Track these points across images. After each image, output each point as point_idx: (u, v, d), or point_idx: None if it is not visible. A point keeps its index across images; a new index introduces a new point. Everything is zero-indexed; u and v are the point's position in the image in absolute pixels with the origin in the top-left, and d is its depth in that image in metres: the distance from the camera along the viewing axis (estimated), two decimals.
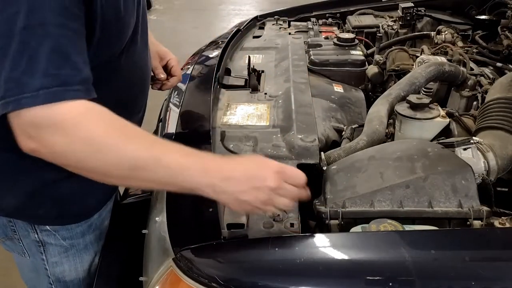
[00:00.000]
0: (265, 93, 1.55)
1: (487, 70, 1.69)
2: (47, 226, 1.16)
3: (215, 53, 1.78)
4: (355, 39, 1.90)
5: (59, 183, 1.09)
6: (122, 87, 1.10)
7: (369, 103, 1.61)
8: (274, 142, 1.28)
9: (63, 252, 1.20)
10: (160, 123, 1.49)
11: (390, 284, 0.84)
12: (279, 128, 1.34)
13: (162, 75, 1.37)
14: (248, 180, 0.92)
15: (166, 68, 1.40)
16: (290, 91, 1.51)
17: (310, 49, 1.87)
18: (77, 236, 1.19)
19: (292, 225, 1.02)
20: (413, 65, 1.70)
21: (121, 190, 1.64)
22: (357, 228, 1.04)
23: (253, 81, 1.62)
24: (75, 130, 0.87)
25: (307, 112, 1.39)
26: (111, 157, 0.89)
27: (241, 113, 1.44)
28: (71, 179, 1.03)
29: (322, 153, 1.26)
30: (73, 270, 1.23)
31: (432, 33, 1.97)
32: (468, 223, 1.07)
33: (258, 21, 2.30)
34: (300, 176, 0.96)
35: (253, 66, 1.67)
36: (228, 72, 1.71)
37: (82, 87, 0.88)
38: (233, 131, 1.33)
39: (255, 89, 1.59)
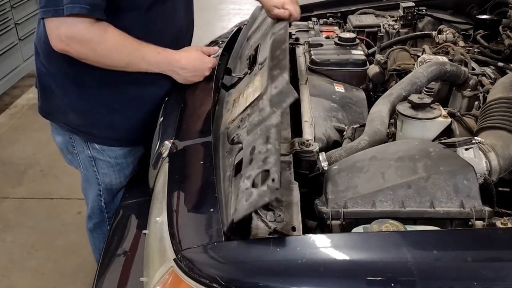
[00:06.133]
0: (259, 64, 1.48)
1: (488, 70, 1.68)
2: (96, 145, 1.57)
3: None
4: (356, 39, 1.90)
5: (112, 112, 1.53)
6: (153, 39, 1.46)
7: (370, 103, 1.60)
8: (261, 106, 1.21)
9: (110, 166, 1.61)
10: (160, 124, 1.48)
11: (392, 284, 0.84)
12: (265, 86, 1.26)
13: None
14: (195, 70, 1.52)
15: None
16: (270, 43, 1.45)
17: (311, 49, 1.86)
18: (120, 157, 1.61)
19: (293, 228, 1.02)
20: (414, 64, 1.70)
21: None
22: (358, 229, 1.04)
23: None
24: (91, 42, 1.35)
25: (281, 51, 1.33)
26: (113, 59, 1.40)
27: (243, 100, 1.38)
28: (122, 112, 1.53)
29: (323, 153, 1.26)
30: (118, 180, 1.65)
31: (433, 33, 1.96)
32: (470, 223, 1.07)
33: None
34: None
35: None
36: (228, 71, 1.71)
37: (89, 7, 1.28)
38: (234, 124, 1.29)
39: (252, 67, 1.53)
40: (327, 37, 2.00)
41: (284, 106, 1.15)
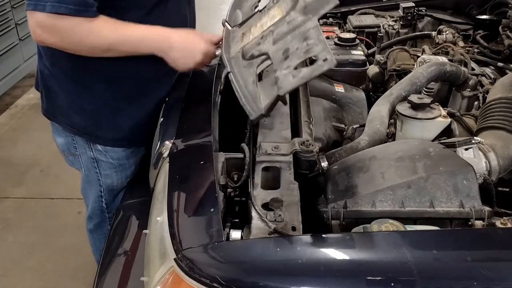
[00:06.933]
0: (272, 1, 1.35)
1: (488, 70, 1.68)
2: (99, 146, 1.56)
3: (216, 52, 1.78)
4: (356, 39, 1.90)
5: (116, 113, 1.52)
6: None
7: (370, 103, 1.60)
8: (289, 19, 1.13)
9: (113, 168, 1.60)
10: (161, 125, 1.48)
11: (392, 284, 0.84)
12: (291, 8, 1.17)
13: None
14: (184, 50, 1.40)
15: None
16: None
17: None
18: (123, 158, 1.60)
19: (293, 228, 1.02)
20: (414, 65, 1.70)
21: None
22: (358, 228, 1.04)
23: None
24: (67, 34, 1.31)
25: None
26: (91, 45, 1.34)
27: (256, 29, 1.29)
28: (127, 112, 1.52)
29: (323, 153, 1.26)
30: (120, 181, 1.65)
31: (433, 33, 1.96)
32: (470, 223, 1.07)
33: None
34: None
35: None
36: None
37: (75, 7, 1.26)
38: (251, 43, 1.22)
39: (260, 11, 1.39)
40: (327, 37, 2.00)
41: (321, 12, 1.06)
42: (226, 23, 1.45)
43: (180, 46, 1.39)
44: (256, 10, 1.39)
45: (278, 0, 1.30)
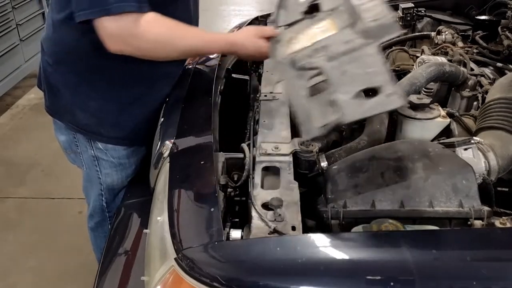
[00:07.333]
0: (324, 12, 1.31)
1: (487, 70, 1.69)
2: (100, 145, 1.57)
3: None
4: None
5: (119, 111, 1.53)
6: None
7: None
8: (346, 39, 1.13)
9: (113, 166, 1.61)
10: (161, 125, 1.49)
11: (391, 283, 0.84)
12: (348, 26, 1.17)
13: None
14: (253, 57, 1.50)
15: None
16: None
17: None
18: (123, 157, 1.61)
19: (293, 228, 1.02)
20: (413, 65, 1.70)
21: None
22: (358, 228, 1.05)
23: (254, 81, 1.62)
24: (144, 36, 1.31)
25: None
26: (165, 51, 1.38)
27: (305, 38, 1.28)
28: (130, 111, 1.53)
29: (323, 153, 1.26)
30: (120, 180, 1.65)
31: (432, 34, 1.97)
32: (469, 223, 1.07)
33: (258, 22, 2.30)
34: None
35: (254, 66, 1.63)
36: (228, 72, 1.72)
37: (137, 4, 1.28)
38: (302, 53, 1.21)
39: (310, 12, 1.34)
40: None
41: (383, 40, 1.08)
42: (273, 24, 1.45)
43: (250, 55, 1.47)
44: (305, 16, 1.36)
45: (331, 13, 1.28)
